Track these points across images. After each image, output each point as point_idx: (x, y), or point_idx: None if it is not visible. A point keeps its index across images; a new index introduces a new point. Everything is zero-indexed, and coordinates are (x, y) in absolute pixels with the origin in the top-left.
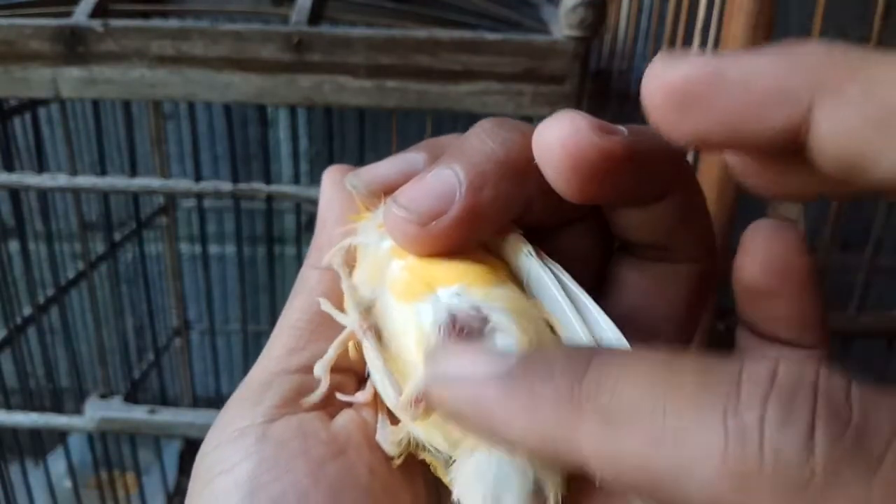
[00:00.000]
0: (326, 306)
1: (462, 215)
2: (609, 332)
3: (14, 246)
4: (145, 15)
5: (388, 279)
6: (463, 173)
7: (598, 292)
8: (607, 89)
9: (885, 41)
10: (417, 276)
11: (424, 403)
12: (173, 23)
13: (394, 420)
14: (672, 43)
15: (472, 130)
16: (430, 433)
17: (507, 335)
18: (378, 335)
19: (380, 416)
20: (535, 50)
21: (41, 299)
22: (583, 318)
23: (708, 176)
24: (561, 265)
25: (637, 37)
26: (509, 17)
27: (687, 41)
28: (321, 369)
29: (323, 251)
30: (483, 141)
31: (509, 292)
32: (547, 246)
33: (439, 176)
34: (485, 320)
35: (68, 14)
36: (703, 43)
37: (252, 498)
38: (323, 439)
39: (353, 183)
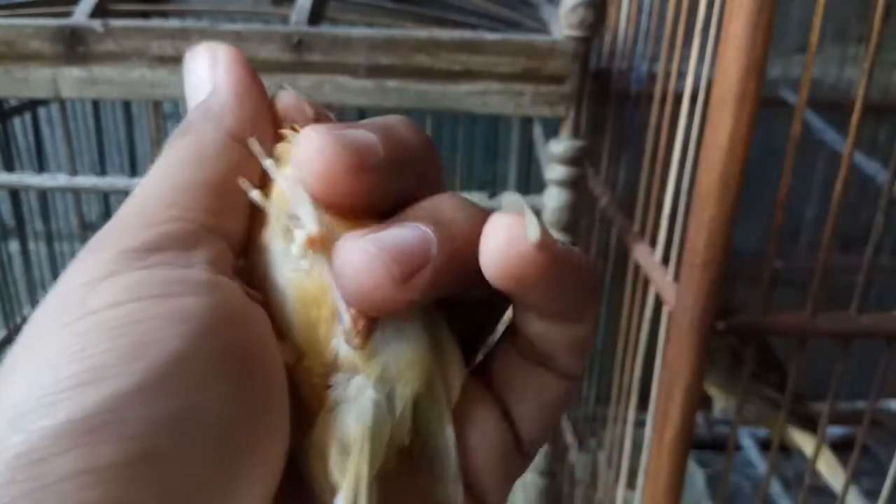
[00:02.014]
0: (290, 202)
1: (431, 275)
2: None
3: (14, 246)
4: (145, 15)
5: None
6: (437, 238)
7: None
8: (607, 89)
9: (885, 41)
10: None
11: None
12: (173, 23)
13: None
14: (672, 43)
15: (444, 198)
16: (357, 360)
17: None
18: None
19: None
20: (535, 50)
21: (41, 299)
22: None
23: (708, 176)
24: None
25: (637, 37)
26: (509, 17)
27: (687, 41)
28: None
29: (228, 121)
30: (456, 212)
31: None
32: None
33: (415, 231)
34: None
35: (68, 14)
36: (703, 43)
37: (208, 338)
38: (263, 315)
39: (285, 91)
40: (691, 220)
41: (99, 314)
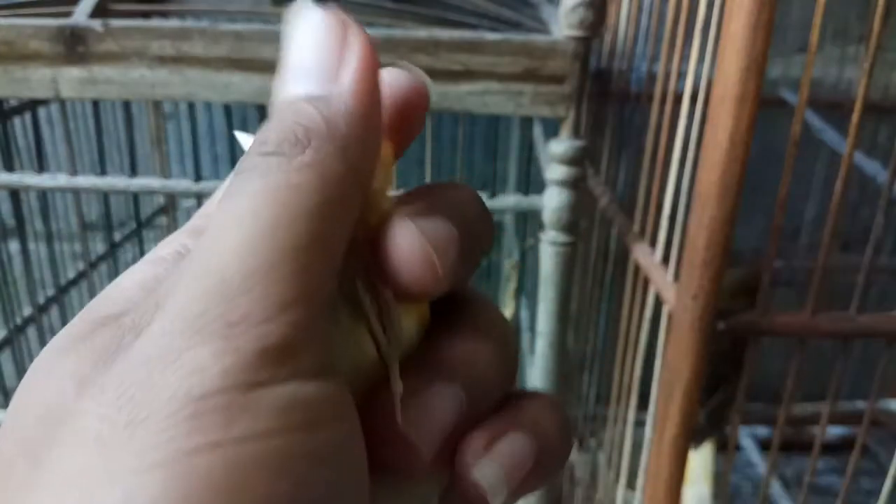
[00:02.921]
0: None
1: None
2: None
3: (14, 246)
4: (145, 15)
5: None
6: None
7: None
8: (607, 89)
9: (885, 41)
10: None
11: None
12: (173, 23)
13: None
14: (672, 43)
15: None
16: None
17: None
18: None
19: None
20: (535, 50)
21: (41, 299)
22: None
23: (708, 176)
24: None
25: (637, 37)
26: (509, 17)
27: (687, 41)
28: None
29: (354, 154)
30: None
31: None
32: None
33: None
34: None
35: (68, 14)
36: (703, 43)
37: (351, 472)
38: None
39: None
40: (691, 220)
41: (252, 445)
